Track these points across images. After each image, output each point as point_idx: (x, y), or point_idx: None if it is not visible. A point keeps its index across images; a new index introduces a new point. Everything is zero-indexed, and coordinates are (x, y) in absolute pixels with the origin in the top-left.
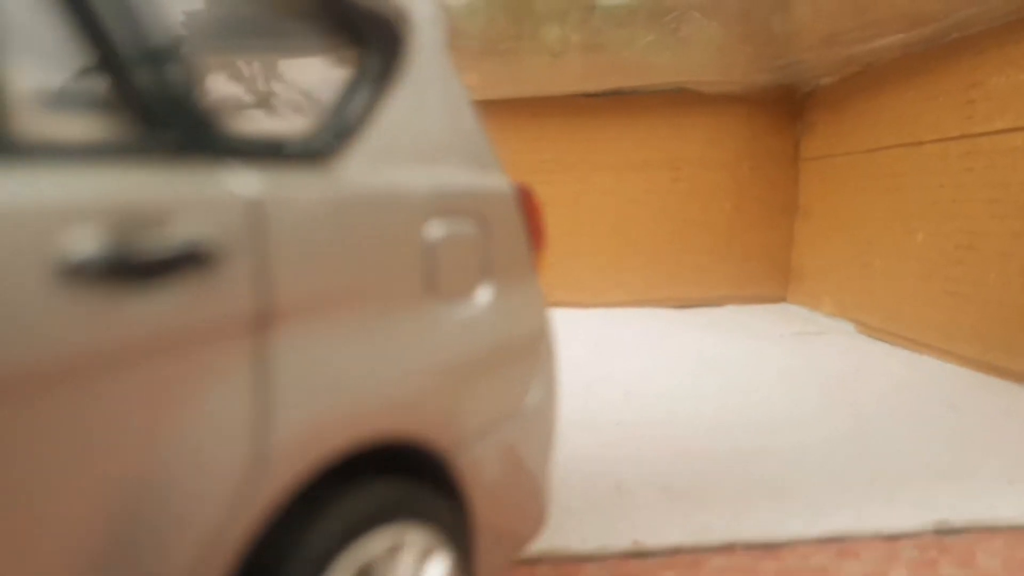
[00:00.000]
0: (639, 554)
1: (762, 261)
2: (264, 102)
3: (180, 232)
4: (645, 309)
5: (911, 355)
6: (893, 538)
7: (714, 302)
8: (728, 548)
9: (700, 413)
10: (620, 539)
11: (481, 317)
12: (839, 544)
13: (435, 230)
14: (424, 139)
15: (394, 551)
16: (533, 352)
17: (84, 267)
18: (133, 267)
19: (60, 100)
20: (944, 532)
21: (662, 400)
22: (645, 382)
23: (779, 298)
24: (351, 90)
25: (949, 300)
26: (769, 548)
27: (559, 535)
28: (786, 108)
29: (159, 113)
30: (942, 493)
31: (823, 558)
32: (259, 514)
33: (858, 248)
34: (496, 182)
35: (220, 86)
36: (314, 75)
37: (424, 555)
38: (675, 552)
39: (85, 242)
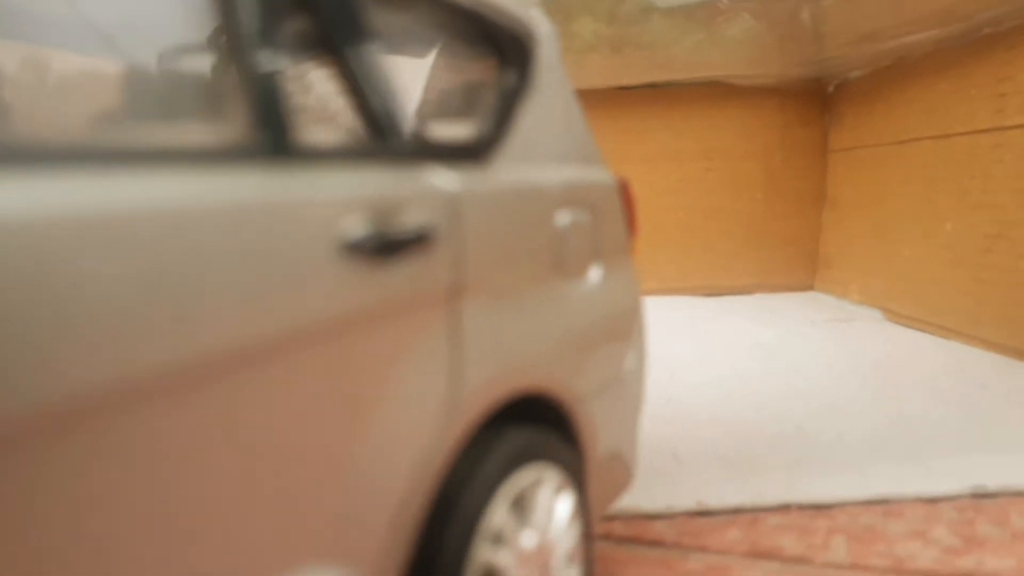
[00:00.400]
0: (703, 513)
1: (791, 250)
2: (439, 112)
3: (412, 219)
4: (677, 297)
5: (940, 340)
6: (933, 501)
7: (743, 290)
8: (784, 508)
9: (744, 392)
10: (684, 500)
11: (593, 293)
12: (884, 506)
13: (562, 218)
14: (549, 140)
15: (536, 485)
16: (630, 325)
17: (357, 245)
18: (387, 246)
19: (323, 117)
20: (980, 496)
21: (707, 380)
22: (689, 364)
23: (807, 286)
24: (496, 100)
25: (978, 288)
26: (821, 508)
27: (628, 496)
28: (816, 100)
29: (388, 126)
30: (977, 462)
31: (870, 517)
32: (453, 448)
33: (886, 237)
34: (603, 176)
35: (413, 100)
36: (467, 87)
37: (557, 491)
38: (736, 512)
39: (357, 226)
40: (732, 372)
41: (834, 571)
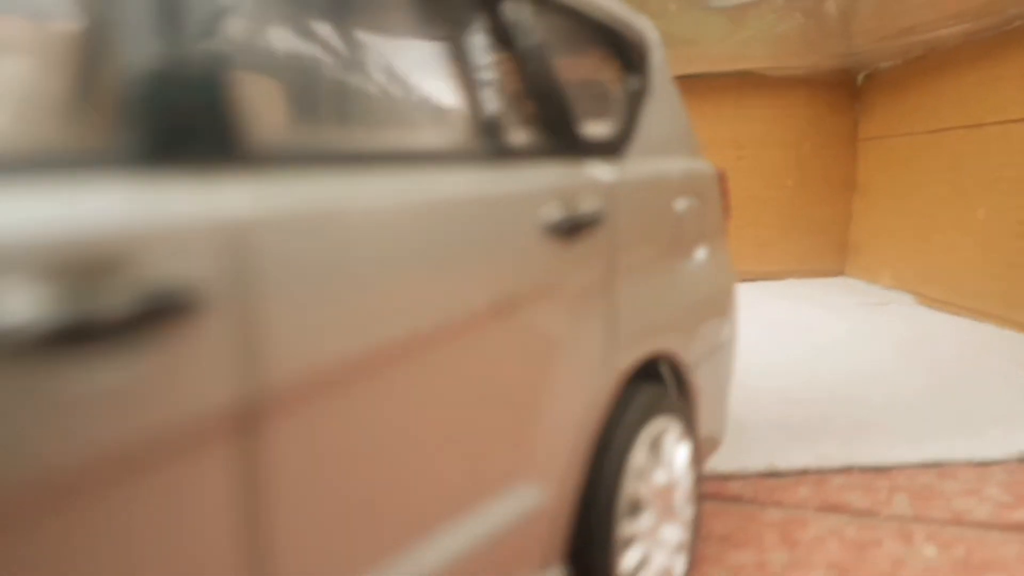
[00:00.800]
0: (774, 474)
1: (821, 236)
2: (585, 112)
3: (586, 206)
4: None
5: (972, 323)
6: (984, 464)
7: (775, 276)
8: (847, 470)
9: (794, 369)
10: (756, 463)
11: (701, 271)
12: (938, 468)
13: (680, 204)
14: (664, 136)
15: (664, 433)
16: (727, 300)
17: (554, 227)
18: (573, 228)
19: (516, 122)
20: None
21: (757, 358)
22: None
23: (837, 272)
24: (624, 101)
25: (1011, 272)
26: (881, 470)
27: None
28: (846, 90)
29: (562, 127)
30: (1021, 430)
31: (927, 478)
32: (609, 397)
33: (917, 223)
34: (705, 166)
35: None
36: (598, 89)
37: (678, 440)
38: (803, 473)
39: (553, 211)
40: (780, 350)
41: (899, 523)
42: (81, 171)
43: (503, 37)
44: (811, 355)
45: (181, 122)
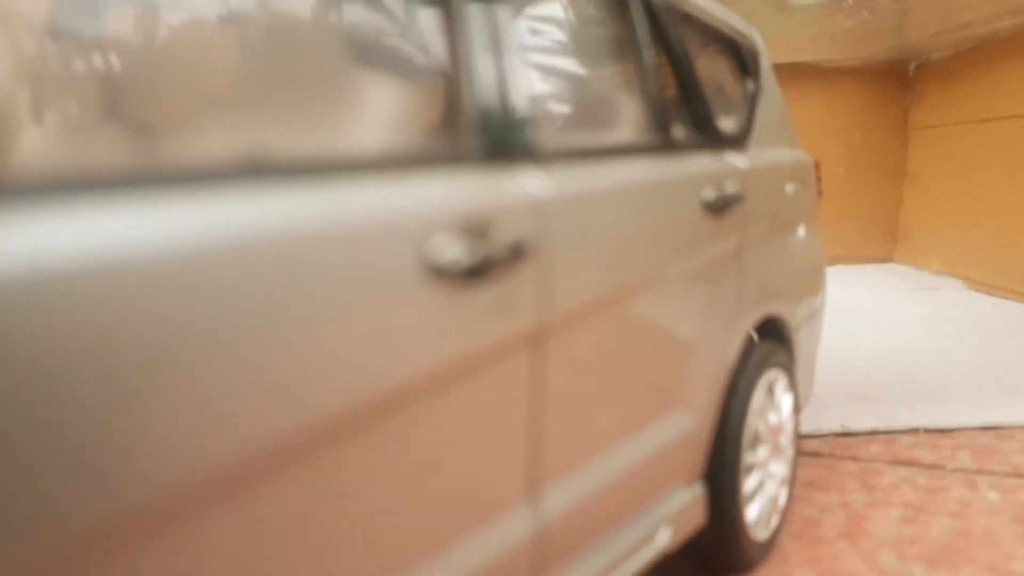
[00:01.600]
0: (847, 434)
1: (871, 223)
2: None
3: (730, 188)
4: None
5: (1021, 306)
6: None
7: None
8: (913, 431)
9: (855, 345)
10: (830, 424)
11: (801, 246)
12: (997, 431)
13: (788, 188)
14: (773, 129)
15: (775, 382)
16: (820, 273)
17: (710, 205)
18: (722, 206)
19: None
20: None
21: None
22: None
23: (887, 258)
24: (743, 100)
25: None
26: (944, 432)
27: None
28: (897, 80)
29: (708, 122)
30: None
31: (987, 439)
32: (738, 348)
33: (967, 210)
34: (804, 155)
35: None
36: (720, 89)
37: (785, 390)
38: (873, 433)
39: (709, 192)
40: (840, 329)
41: (964, 474)
42: (458, 166)
43: (668, 51)
44: (869, 333)
45: (505, 133)
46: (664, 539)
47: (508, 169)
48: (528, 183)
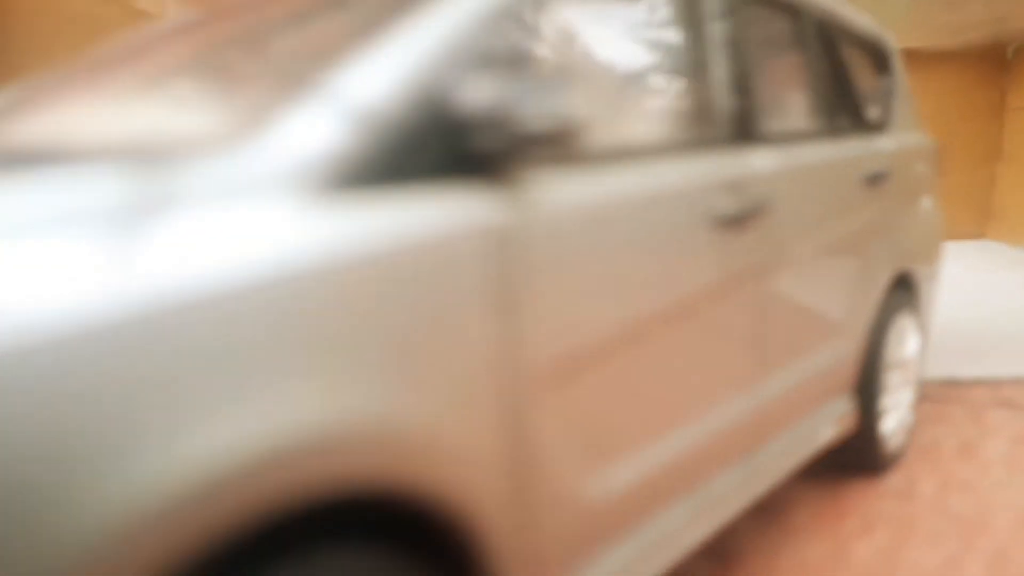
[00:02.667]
0: (953, 382)
1: (963, 202)
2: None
3: (881, 165)
4: None
5: None
6: None
7: None
8: (1014, 380)
9: (958, 309)
10: (936, 374)
11: (926, 215)
12: None
13: (918, 167)
14: (904, 116)
15: (906, 323)
16: (938, 239)
17: (868, 179)
18: (877, 179)
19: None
20: None
21: None
22: None
23: (979, 235)
24: (886, 92)
25: None
26: None
27: None
28: (994, 63)
29: (858, 111)
30: None
31: None
32: (882, 294)
33: None
34: (929, 139)
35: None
36: (867, 85)
37: (913, 331)
38: (976, 382)
39: (866, 168)
40: (940, 297)
41: None
42: (718, 146)
43: (832, 56)
44: (967, 300)
45: (745, 123)
46: (829, 433)
47: (749, 148)
48: (761, 159)
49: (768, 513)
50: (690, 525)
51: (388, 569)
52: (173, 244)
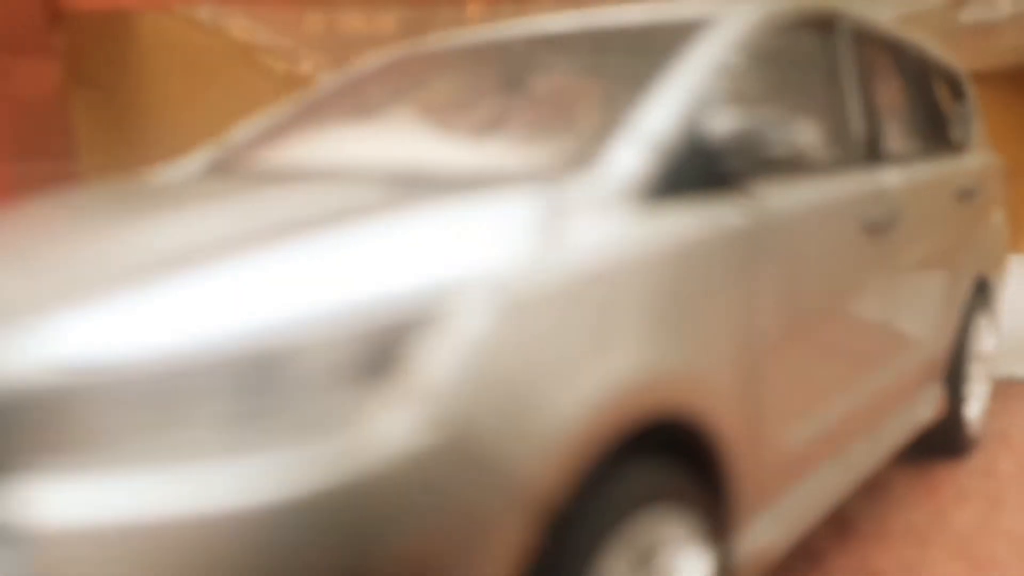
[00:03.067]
0: (1015, 380)
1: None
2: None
3: (968, 182)
4: None
5: None
6: None
7: None
8: None
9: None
10: (999, 373)
11: (996, 226)
12: None
13: (991, 183)
14: (978, 137)
15: (985, 321)
16: (1004, 247)
17: (960, 194)
18: (966, 194)
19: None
20: None
21: None
22: None
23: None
24: (962, 115)
25: None
26: None
27: None
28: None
29: (945, 134)
30: None
31: None
32: (966, 296)
33: None
34: (995, 157)
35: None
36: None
37: (988, 328)
38: None
39: (959, 185)
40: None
41: None
42: (856, 165)
43: (925, 87)
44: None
45: (875, 144)
46: (928, 413)
47: (879, 167)
48: (889, 176)
49: (872, 488)
50: (842, 479)
51: (669, 475)
52: (578, 236)
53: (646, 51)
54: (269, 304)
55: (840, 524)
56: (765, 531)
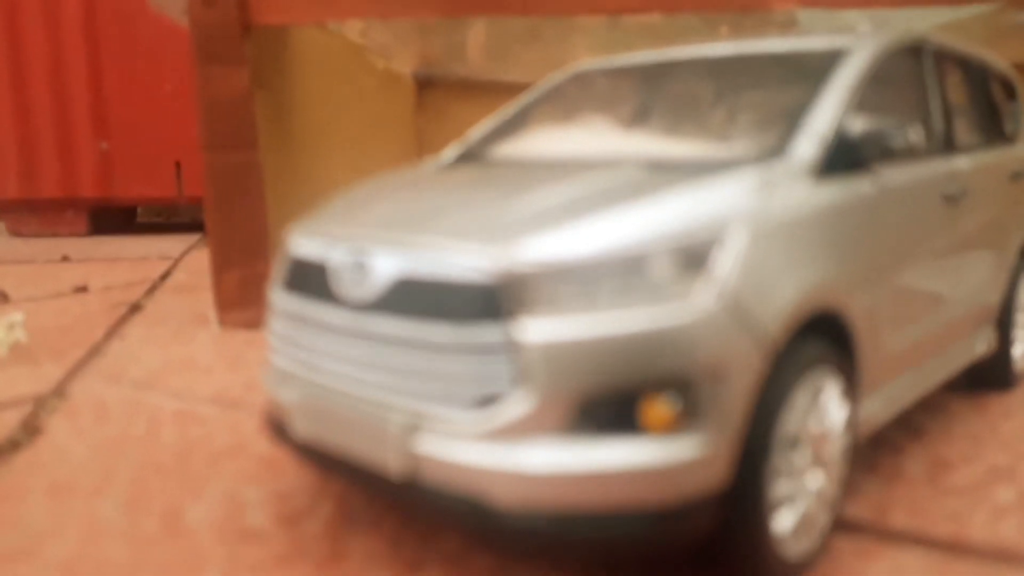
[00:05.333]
0: None
1: None
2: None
3: (1017, 167)
4: None
5: None
6: None
7: None
8: None
9: None
10: None
11: None
12: None
13: None
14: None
15: None
16: None
17: (1013, 176)
18: (1017, 177)
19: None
20: None
21: None
22: None
23: None
24: (1014, 112)
25: None
26: None
27: None
28: None
29: (1000, 128)
30: None
31: None
32: (1014, 262)
33: None
34: None
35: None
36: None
37: None
38: None
39: (1013, 170)
40: None
41: None
42: (932, 155)
43: (985, 85)
44: None
45: (949, 136)
46: (984, 348)
47: (953, 155)
48: (959, 161)
49: (936, 409)
50: (921, 384)
51: (828, 350)
52: (781, 197)
53: (807, 70)
54: (638, 231)
55: (913, 427)
56: (873, 407)
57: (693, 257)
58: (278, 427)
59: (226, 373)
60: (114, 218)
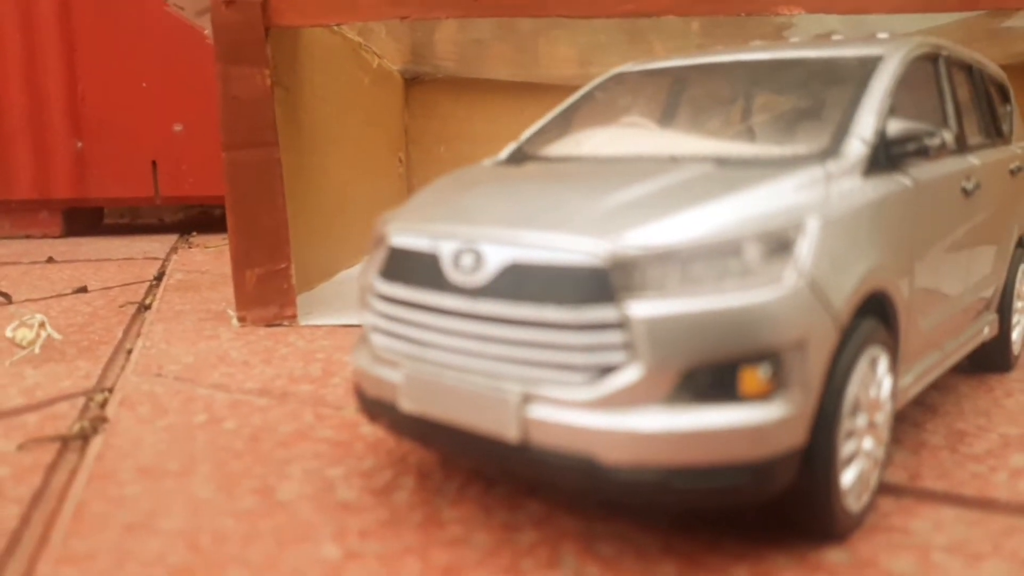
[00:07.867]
0: None
1: None
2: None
3: (1017, 163)
4: None
5: None
6: None
7: None
8: None
9: None
10: None
11: None
12: None
13: None
14: (1019, 130)
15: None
16: None
17: (1013, 171)
18: (1017, 171)
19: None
20: None
21: None
22: None
23: None
24: (1006, 113)
25: None
26: None
27: None
28: None
29: (999, 128)
30: None
31: None
32: (1013, 246)
33: None
34: None
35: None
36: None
37: None
38: None
39: (1013, 165)
40: None
41: None
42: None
43: (986, 90)
44: None
45: (962, 137)
46: (988, 332)
47: (966, 153)
48: (972, 158)
49: (946, 391)
50: (942, 363)
51: (880, 329)
52: (839, 191)
53: (846, 75)
54: (729, 219)
55: (928, 405)
56: (907, 381)
57: (779, 242)
58: (375, 404)
59: (264, 367)
60: (85, 219)
